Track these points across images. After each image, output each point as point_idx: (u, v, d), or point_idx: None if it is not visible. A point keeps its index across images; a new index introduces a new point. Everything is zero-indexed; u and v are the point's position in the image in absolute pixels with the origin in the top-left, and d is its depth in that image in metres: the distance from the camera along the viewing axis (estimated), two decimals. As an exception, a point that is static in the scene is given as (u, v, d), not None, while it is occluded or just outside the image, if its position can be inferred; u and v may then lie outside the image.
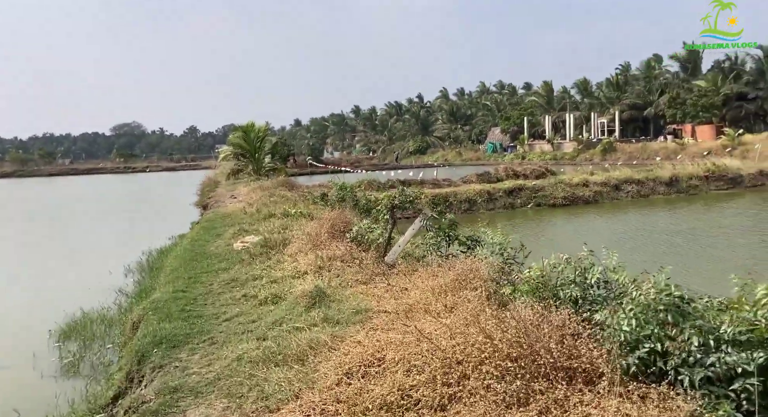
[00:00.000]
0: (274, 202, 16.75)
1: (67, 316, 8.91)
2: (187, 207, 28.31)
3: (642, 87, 75.43)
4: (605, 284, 4.15)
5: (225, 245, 11.02)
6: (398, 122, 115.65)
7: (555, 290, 4.24)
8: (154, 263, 12.61)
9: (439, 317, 4.67)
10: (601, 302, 3.97)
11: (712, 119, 61.23)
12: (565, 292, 4.10)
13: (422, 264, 7.75)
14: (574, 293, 4.04)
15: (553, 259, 4.58)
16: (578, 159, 63.63)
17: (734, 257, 13.15)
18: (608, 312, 3.53)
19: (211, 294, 7.49)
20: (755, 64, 62.45)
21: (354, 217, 10.52)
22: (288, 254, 8.96)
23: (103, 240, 19.84)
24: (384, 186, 27.28)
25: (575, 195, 26.45)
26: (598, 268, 4.11)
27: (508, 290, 4.77)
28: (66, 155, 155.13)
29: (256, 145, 32.24)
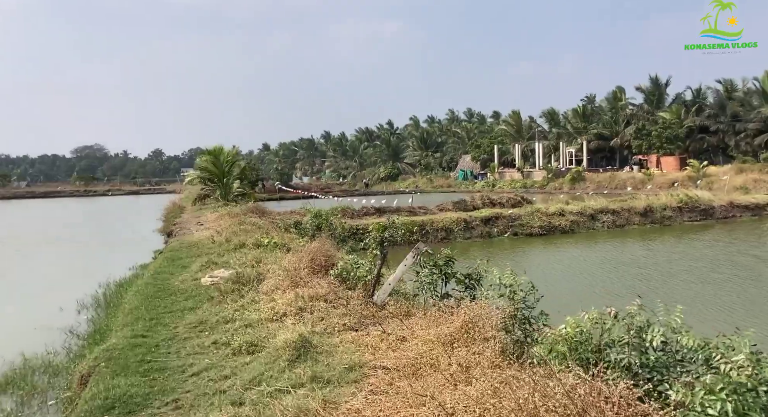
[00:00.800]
0: (244, 231, 15.77)
1: (5, 364, 7.73)
2: (150, 234, 26.87)
3: (608, 118, 77.25)
4: (662, 345, 3.45)
5: (192, 279, 10.03)
6: (369, 148, 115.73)
7: (601, 353, 3.52)
8: (112, 298, 11.45)
9: (454, 380, 3.88)
10: (663, 371, 3.26)
11: (676, 151, 62.88)
12: (618, 357, 3.37)
13: (415, 304, 6.97)
14: (631, 359, 3.32)
15: (594, 313, 3.87)
16: (548, 187, 64.34)
17: (710, 294, 12.80)
18: (683, 387, 2.82)
19: (176, 340, 6.52)
20: (716, 97, 64.74)
21: (335, 249, 9.68)
22: (264, 292, 8.06)
23: (55, 270, 18.01)
24: (359, 213, 26.53)
25: (552, 224, 26.17)
26: (658, 329, 3.42)
27: (540, 350, 4.03)
28: (22, 178, 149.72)
29: (224, 169, 31.18)
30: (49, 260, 20.99)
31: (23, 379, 7.00)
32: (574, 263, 19.69)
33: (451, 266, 6.98)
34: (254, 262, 10.05)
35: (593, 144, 73.99)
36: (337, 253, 9.36)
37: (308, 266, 8.36)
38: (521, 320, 5.13)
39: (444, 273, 6.86)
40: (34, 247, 24.67)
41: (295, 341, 5.20)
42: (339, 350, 5.27)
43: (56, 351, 8.22)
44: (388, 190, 78.16)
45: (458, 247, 24.56)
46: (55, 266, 19.17)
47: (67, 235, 29.28)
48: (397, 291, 7.66)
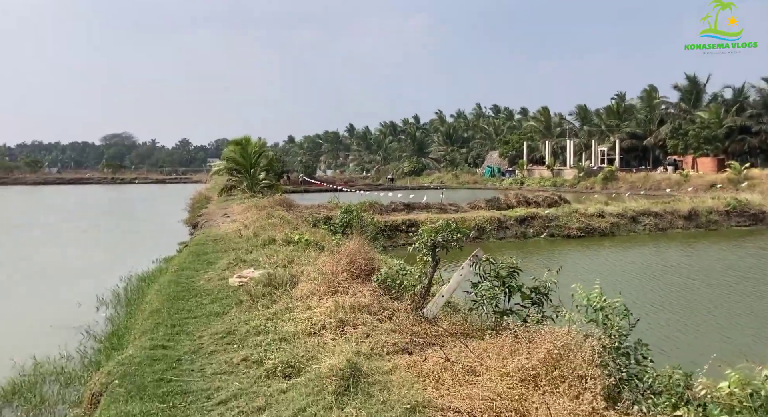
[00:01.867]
0: (273, 225, 15.01)
1: (14, 367, 7.06)
2: (175, 225, 26.36)
3: (643, 116, 74.92)
4: None
5: (218, 278, 9.25)
6: (393, 142, 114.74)
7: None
8: (133, 294, 10.78)
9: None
10: None
11: (714, 152, 60.55)
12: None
13: (470, 320, 6.05)
14: None
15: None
16: (579, 186, 62.64)
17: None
18: None
19: (201, 353, 5.71)
20: (759, 96, 62.04)
21: (374, 251, 8.79)
22: (298, 297, 7.22)
23: (77, 260, 17.44)
24: (387, 209, 25.65)
25: (590, 226, 24.96)
26: None
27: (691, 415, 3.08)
28: (54, 164, 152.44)
29: (252, 160, 30.57)
30: (72, 249, 20.56)
31: (32, 388, 6.29)
32: (616, 268, 18.52)
33: (515, 278, 6.03)
34: (286, 261, 9.22)
35: (626, 143, 71.84)
36: (377, 255, 8.46)
37: (346, 270, 7.50)
38: (623, 354, 4.18)
39: (507, 286, 5.91)
40: (57, 235, 24.35)
41: (343, 369, 4.33)
42: (394, 381, 4.38)
43: (70, 354, 7.51)
44: (413, 185, 77.11)
45: (491, 247, 23.52)
46: (77, 256, 18.67)
47: (92, 224, 29.01)
48: (448, 303, 6.75)
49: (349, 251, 7.82)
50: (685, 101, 70.35)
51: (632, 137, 73.88)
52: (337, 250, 8.94)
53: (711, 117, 62.12)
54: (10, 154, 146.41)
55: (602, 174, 62.86)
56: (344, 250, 7.86)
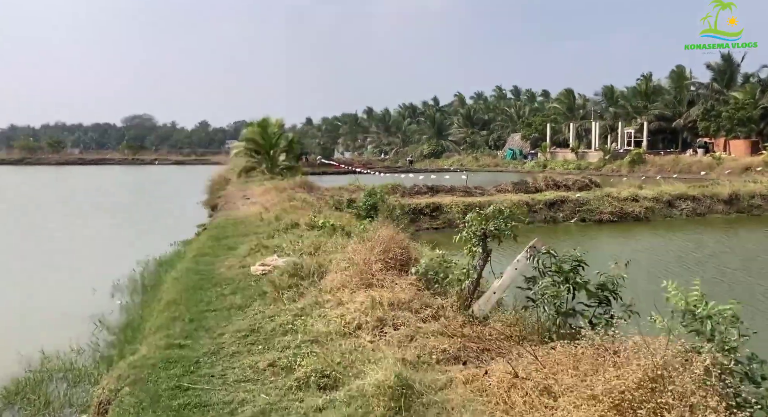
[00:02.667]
0: (294, 208, 14.34)
1: (21, 362, 6.51)
2: (194, 206, 25.88)
3: (672, 97, 72.48)
4: None
5: (239, 266, 8.59)
6: (412, 124, 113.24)
7: None
8: (149, 281, 10.21)
9: None
10: None
11: (748, 134, 58.32)
12: None
13: (526, 323, 5.28)
14: None
15: None
16: (604, 169, 60.99)
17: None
18: None
19: (222, 355, 5.04)
20: (798, 76, 59.44)
21: (410, 239, 8.02)
22: (327, 290, 6.51)
23: (94, 243, 16.96)
24: (410, 192, 24.81)
25: (624, 211, 23.85)
26: None
27: None
28: (76, 145, 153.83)
29: (271, 141, 29.91)
30: (90, 231, 20.14)
31: (37, 387, 5.70)
32: (654, 256, 17.54)
33: (579, 273, 5.22)
34: (312, 249, 8.52)
35: (653, 125, 69.65)
36: (413, 244, 7.70)
37: (380, 260, 6.76)
38: (738, 375, 3.39)
39: (573, 282, 5.11)
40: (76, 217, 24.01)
41: (392, 387, 3.61)
42: (454, 403, 3.64)
43: (81, 347, 6.94)
44: (432, 168, 76.05)
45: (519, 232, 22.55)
46: (95, 238, 18.23)
47: (111, 205, 28.71)
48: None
49: (382, 238, 7.07)
50: (717, 81, 67.75)
51: (660, 119, 71.60)
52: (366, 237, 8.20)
53: (746, 97, 59.66)
54: (34, 134, 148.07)
55: (629, 157, 61.06)
56: (377, 238, 7.11)
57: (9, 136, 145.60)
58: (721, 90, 65.57)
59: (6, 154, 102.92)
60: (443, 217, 22.35)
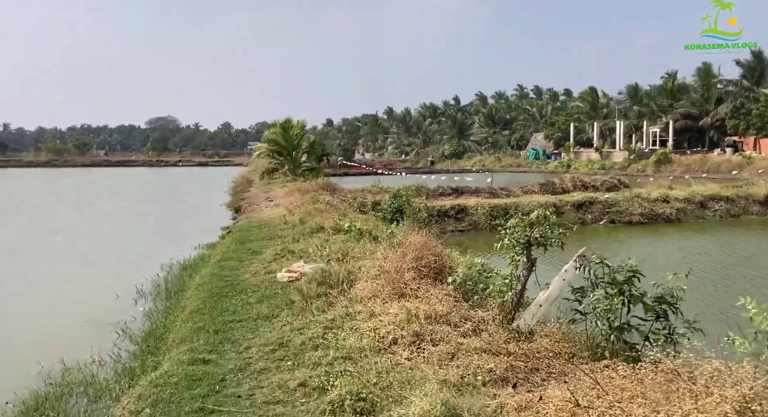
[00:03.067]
0: (319, 211, 14.05)
1: (39, 375, 6.27)
2: (217, 208, 25.81)
3: (698, 95, 70.78)
4: None
5: (264, 272, 8.32)
6: (433, 125, 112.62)
7: None
8: (173, 286, 10.00)
9: None
10: None
11: (779, 132, 56.61)
12: None
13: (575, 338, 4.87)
14: None
15: None
16: (629, 169, 59.78)
17: None
18: None
19: (249, 371, 4.73)
20: (833, 72, 57.55)
21: (444, 245, 7.64)
22: (358, 300, 6.17)
23: (118, 247, 16.77)
24: (434, 193, 24.39)
25: (654, 212, 23.14)
26: None
27: None
28: (102, 147, 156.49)
29: (294, 142, 29.76)
30: (114, 234, 20.13)
31: (56, 402, 5.43)
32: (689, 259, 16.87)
33: (634, 284, 4.80)
34: (340, 254, 8.19)
35: (679, 123, 68.07)
36: (446, 250, 7.32)
37: (413, 267, 6.40)
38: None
39: (629, 294, 4.69)
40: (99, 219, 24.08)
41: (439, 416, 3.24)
42: (509, 436, 3.27)
43: (102, 359, 6.70)
44: (454, 168, 75.37)
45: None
46: (119, 241, 18.16)
47: (135, 207, 28.80)
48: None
49: (414, 245, 6.70)
50: (747, 78, 65.92)
51: (686, 118, 69.98)
52: (396, 242, 7.85)
53: (777, 95, 57.94)
54: (61, 136, 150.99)
55: (655, 156, 59.76)
56: (409, 244, 6.75)
57: (37, 139, 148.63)
58: (751, 87, 63.80)
59: (34, 156, 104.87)
60: (468, 219, 21.91)
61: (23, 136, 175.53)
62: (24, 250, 16.35)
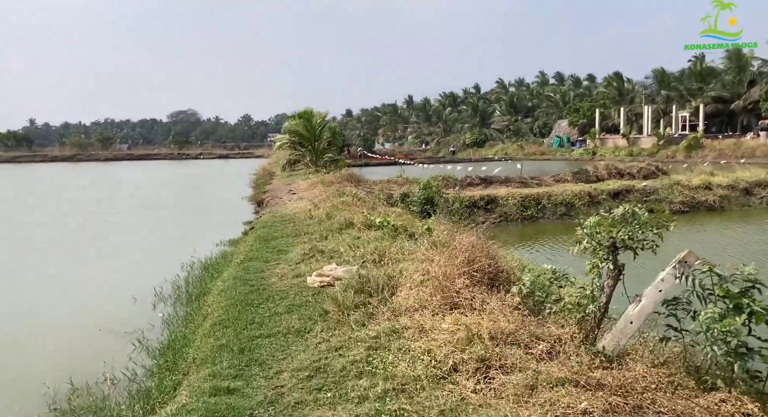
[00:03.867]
0: (345, 204, 13.25)
1: (44, 398, 5.57)
2: (239, 202, 25.19)
3: (730, 77, 68.22)
4: None
5: (293, 275, 7.53)
6: (453, 113, 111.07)
7: None
8: (195, 288, 9.30)
9: None
10: None
11: (819, 115, 54.32)
12: None
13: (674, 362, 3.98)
14: None
15: None
16: (658, 156, 57.96)
17: None
18: None
19: (280, 406, 3.94)
20: None
21: (496, 246, 6.75)
22: (402, 310, 5.34)
23: (137, 244, 15.94)
24: (462, 184, 23.43)
25: (695, 200, 21.94)
26: None
27: None
28: (125, 141, 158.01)
29: (315, 133, 28.97)
30: (134, 229, 19.58)
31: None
32: (741, 249, 15.72)
33: (752, 297, 3.88)
34: (376, 254, 7.36)
35: (709, 107, 65.72)
36: (500, 252, 6.42)
37: (464, 273, 5.54)
38: None
39: (749, 311, 3.78)
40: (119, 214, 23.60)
41: None
42: None
43: (115, 376, 6.00)
44: (476, 158, 74.10)
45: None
46: (139, 237, 17.56)
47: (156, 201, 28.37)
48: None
49: (464, 245, 5.84)
50: (782, 59, 63.30)
51: (717, 101, 67.61)
52: (438, 241, 6.99)
53: (815, 75, 55.45)
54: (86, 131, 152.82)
55: (685, 142, 57.82)
56: (458, 245, 5.89)
57: (62, 134, 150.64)
58: (787, 68, 61.25)
59: (59, 151, 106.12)
60: (499, 210, 20.94)
61: (49, 131, 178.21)
62: (36, 245, 15.91)
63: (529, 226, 20.61)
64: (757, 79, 65.09)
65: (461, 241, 5.93)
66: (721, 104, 67.94)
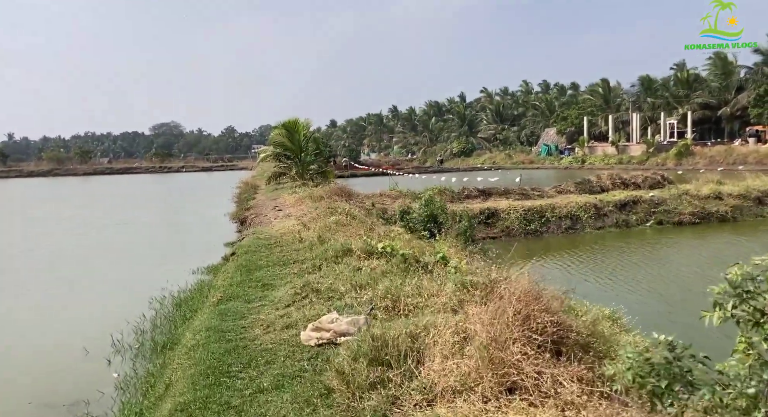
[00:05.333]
0: (339, 224, 11.69)
1: None
2: (221, 219, 23.44)
3: (717, 84, 68.16)
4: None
5: (281, 324, 5.95)
6: (439, 122, 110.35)
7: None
8: (162, 332, 7.64)
9: None
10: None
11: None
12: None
13: None
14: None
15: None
16: (648, 163, 57.41)
17: None
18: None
19: None
20: None
21: (552, 290, 5.23)
22: (438, 391, 3.80)
23: (100, 272, 13.56)
24: (459, 196, 22.01)
25: (706, 210, 20.76)
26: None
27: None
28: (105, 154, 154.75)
29: (301, 144, 27.41)
30: (98, 254, 16.97)
31: None
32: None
33: None
34: (388, 298, 5.80)
35: (696, 114, 65.43)
36: (563, 298, 4.89)
37: (520, 336, 4.04)
38: None
39: None
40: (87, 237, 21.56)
41: None
42: None
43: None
44: (464, 167, 73.09)
45: (587, 239, 19.68)
46: (103, 264, 15.04)
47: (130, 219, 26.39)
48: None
49: (517, 295, 4.33)
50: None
51: (704, 108, 67.45)
52: (472, 283, 5.47)
53: (802, 81, 55.25)
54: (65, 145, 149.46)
55: (676, 149, 57.27)
56: (507, 296, 4.36)
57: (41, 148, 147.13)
58: (771, 74, 61.08)
59: (35, 165, 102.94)
60: (500, 224, 19.53)
61: (27, 145, 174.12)
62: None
63: (534, 242, 19.21)
64: (744, 86, 65.01)
65: (512, 289, 4.40)
66: (708, 111, 67.78)
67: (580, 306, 5.41)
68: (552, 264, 15.43)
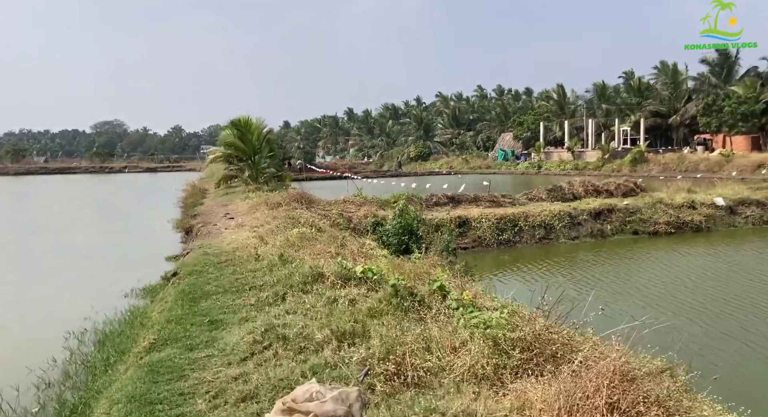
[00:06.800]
0: (304, 238, 9.99)
1: None
2: (163, 226, 21.09)
3: (667, 93, 69.97)
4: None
5: (237, 394, 4.22)
6: (396, 126, 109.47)
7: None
8: (76, 384, 5.76)
9: None
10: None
11: (749, 129, 55.90)
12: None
13: None
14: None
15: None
16: (604, 169, 58.06)
17: None
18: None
19: None
20: (803, 68, 56.98)
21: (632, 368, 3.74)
22: None
23: (11, 298, 11.09)
24: (428, 203, 20.59)
25: (681, 219, 20.14)
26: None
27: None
28: (42, 153, 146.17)
29: (254, 145, 25.42)
30: (8, 271, 14.50)
31: None
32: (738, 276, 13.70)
33: None
34: (390, 359, 4.15)
35: (647, 122, 66.92)
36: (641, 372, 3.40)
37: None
38: None
39: None
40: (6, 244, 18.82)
41: None
42: None
43: None
44: (422, 171, 72.25)
45: (562, 250, 18.63)
46: (12, 287, 12.33)
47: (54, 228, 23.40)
48: None
49: (603, 374, 2.82)
50: (715, 76, 65.14)
51: (654, 115, 69.12)
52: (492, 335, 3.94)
53: (747, 92, 56.95)
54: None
55: (630, 155, 58.08)
56: (588, 371, 2.85)
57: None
58: (719, 84, 62.96)
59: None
60: (472, 233, 18.22)
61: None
62: None
63: (507, 252, 18.03)
64: (692, 95, 66.86)
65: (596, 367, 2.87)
66: (659, 118, 69.45)
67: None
68: (524, 274, 14.20)
